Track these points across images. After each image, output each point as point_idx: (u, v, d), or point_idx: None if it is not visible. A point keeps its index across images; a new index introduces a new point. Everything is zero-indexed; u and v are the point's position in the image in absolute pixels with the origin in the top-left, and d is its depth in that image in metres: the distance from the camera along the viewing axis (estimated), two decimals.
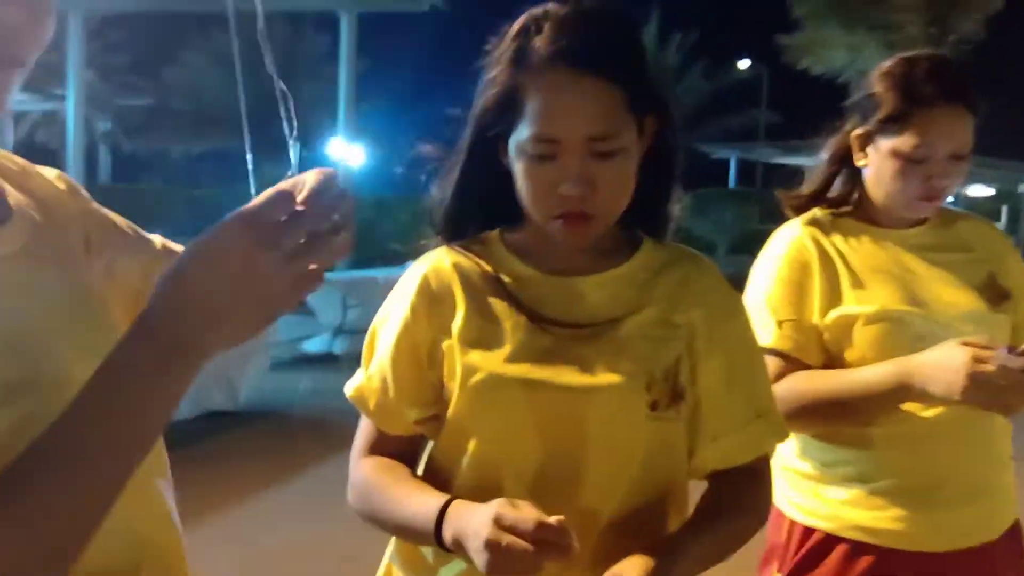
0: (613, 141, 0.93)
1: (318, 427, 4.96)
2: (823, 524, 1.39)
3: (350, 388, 1.04)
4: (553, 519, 0.81)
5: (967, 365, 1.18)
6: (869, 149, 1.40)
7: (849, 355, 1.36)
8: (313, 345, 7.92)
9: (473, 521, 0.85)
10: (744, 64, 23.80)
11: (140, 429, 0.60)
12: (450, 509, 0.89)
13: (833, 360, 1.38)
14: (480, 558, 0.82)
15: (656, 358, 0.95)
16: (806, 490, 1.43)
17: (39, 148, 22.21)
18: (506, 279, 0.99)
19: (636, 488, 0.95)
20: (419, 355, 0.99)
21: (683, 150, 1.04)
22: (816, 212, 1.48)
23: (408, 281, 1.03)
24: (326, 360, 7.21)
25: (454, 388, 0.96)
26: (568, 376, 0.94)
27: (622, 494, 0.95)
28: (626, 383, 0.93)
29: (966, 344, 1.21)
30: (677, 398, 0.95)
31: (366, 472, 1.01)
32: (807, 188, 1.50)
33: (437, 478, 0.98)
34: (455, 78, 1.08)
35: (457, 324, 0.97)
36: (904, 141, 1.34)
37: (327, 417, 4.98)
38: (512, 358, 0.94)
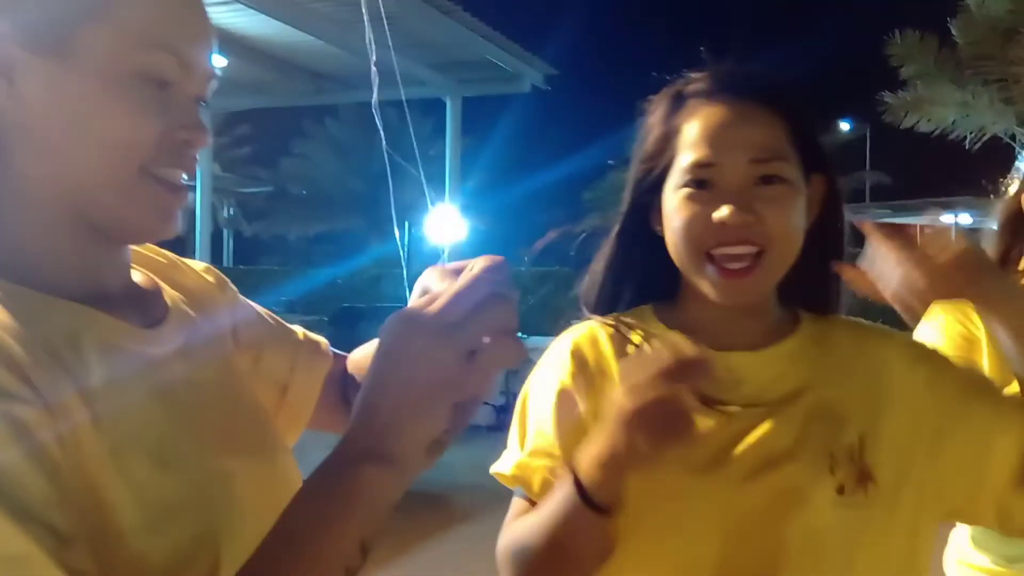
0: (777, 165, 0.85)
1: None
2: None
3: (507, 467, 0.92)
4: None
5: None
6: None
7: None
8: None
9: (605, 429, 0.77)
10: (846, 126, 23.29)
11: (335, 549, 0.55)
12: (577, 464, 0.80)
13: None
14: (640, 438, 0.74)
15: (835, 437, 0.85)
16: None
17: (172, 237, 23.85)
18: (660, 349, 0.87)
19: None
20: (583, 420, 0.88)
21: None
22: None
23: (558, 352, 0.94)
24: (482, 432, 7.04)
25: None
26: (742, 469, 0.84)
27: None
28: (805, 466, 0.83)
29: None
30: (864, 479, 0.84)
31: (511, 529, 0.90)
32: (992, 248, 1.41)
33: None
34: (556, 150, 1.10)
35: (608, 399, 0.84)
36: None
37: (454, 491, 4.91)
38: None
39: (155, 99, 0.64)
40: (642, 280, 0.97)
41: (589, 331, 0.94)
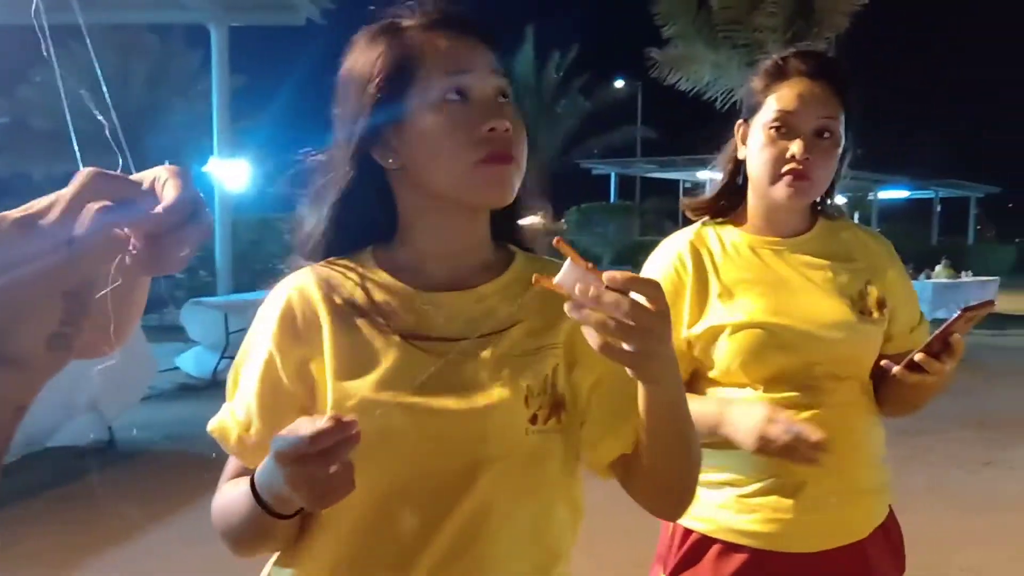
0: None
1: (196, 461, 4.75)
2: (699, 526, 1.43)
3: (212, 423, 0.98)
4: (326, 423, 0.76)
5: (760, 423, 1.28)
6: (748, 140, 1.44)
7: (717, 364, 1.41)
8: (192, 368, 7.59)
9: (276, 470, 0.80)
10: (620, 83, 24.59)
11: None
12: (256, 479, 0.87)
13: (703, 368, 1.43)
14: (300, 494, 0.79)
15: (532, 370, 0.93)
16: None
17: None
18: (377, 296, 0.95)
19: (526, 497, 0.93)
20: (285, 387, 0.93)
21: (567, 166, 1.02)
22: (702, 223, 1.51)
23: (271, 308, 0.96)
24: (211, 388, 6.92)
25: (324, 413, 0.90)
26: (444, 397, 0.91)
27: (511, 504, 0.92)
28: (504, 400, 0.91)
29: (769, 406, 1.31)
30: (557, 408, 0.94)
31: (218, 496, 0.97)
32: (703, 198, 1.53)
33: (319, 515, 0.93)
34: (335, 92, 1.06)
35: (326, 349, 0.92)
36: (768, 111, 1.40)
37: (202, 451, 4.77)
38: (384, 382, 0.90)
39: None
40: (365, 222, 0.99)
41: (303, 281, 0.97)
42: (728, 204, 1.50)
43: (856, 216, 20.92)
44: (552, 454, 0.93)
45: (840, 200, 1.67)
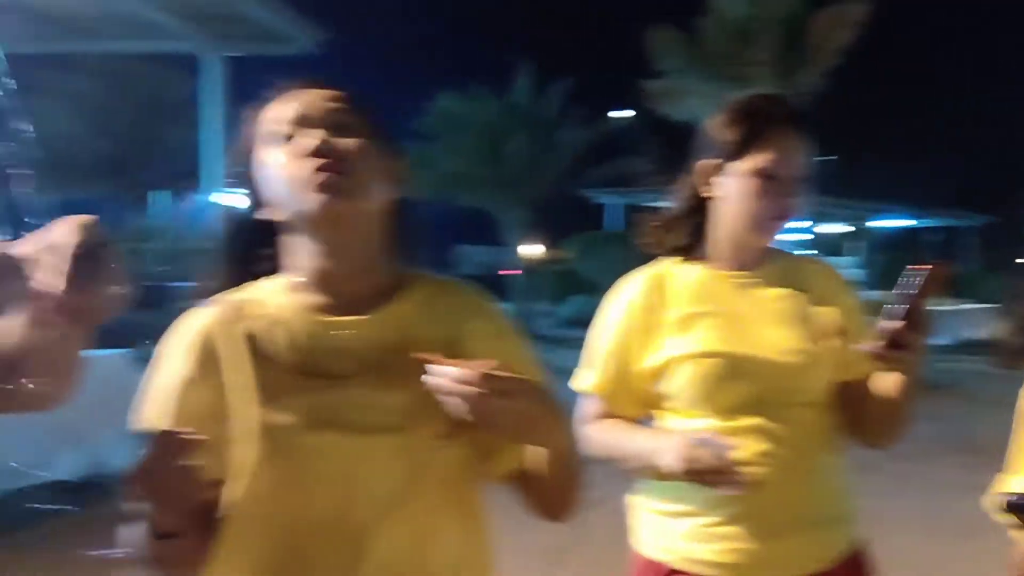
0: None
1: None
2: (667, 557, 1.45)
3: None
4: None
5: (685, 447, 1.29)
6: (718, 179, 1.46)
7: (676, 394, 1.44)
8: None
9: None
10: (617, 113, 24.82)
11: None
12: None
13: (659, 402, 1.47)
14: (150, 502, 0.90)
15: (421, 393, 0.96)
16: (652, 524, 1.49)
17: None
18: (286, 325, 1.01)
19: (418, 509, 0.99)
20: (197, 413, 0.99)
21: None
22: (665, 259, 1.53)
23: (178, 342, 1.03)
24: None
25: (237, 441, 0.98)
26: (351, 424, 0.97)
27: (391, 522, 0.98)
28: (406, 417, 0.98)
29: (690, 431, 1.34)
30: (459, 424, 0.96)
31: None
32: (659, 230, 1.55)
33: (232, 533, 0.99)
34: None
35: (237, 376, 0.99)
36: (760, 159, 1.42)
37: None
38: (297, 406, 0.97)
39: None
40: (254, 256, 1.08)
41: (209, 318, 1.03)
42: (686, 239, 1.52)
43: (846, 244, 21.02)
44: (456, 465, 1.01)
45: (840, 229, 1.69)
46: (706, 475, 1.27)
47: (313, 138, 0.98)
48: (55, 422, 4.38)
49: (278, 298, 1.04)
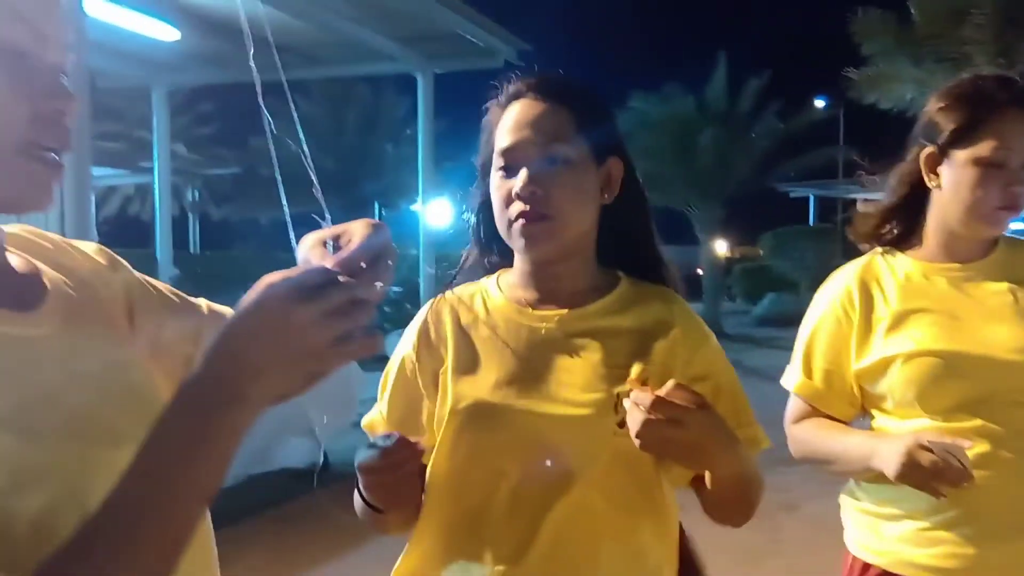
0: (558, 147, 1.07)
1: None
2: (879, 560, 1.41)
3: (364, 419, 1.20)
4: None
5: (904, 450, 1.24)
6: (941, 168, 1.39)
7: (890, 396, 1.38)
8: None
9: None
10: (820, 103, 23.49)
11: (195, 487, 0.58)
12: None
13: (873, 404, 1.42)
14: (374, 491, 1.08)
15: (621, 383, 1.02)
16: (865, 526, 1.45)
17: (131, 221, 23.29)
18: (496, 316, 1.13)
19: (611, 496, 1.05)
20: (416, 391, 1.14)
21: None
22: (875, 253, 1.48)
23: (414, 325, 1.18)
24: None
25: (445, 414, 1.08)
26: (544, 402, 1.05)
27: (605, 505, 1.04)
28: (595, 408, 1.04)
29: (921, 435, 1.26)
30: None
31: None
32: (872, 221, 1.50)
33: (436, 493, 1.10)
34: None
35: (449, 359, 1.11)
36: (983, 147, 1.34)
37: None
38: (496, 386, 1.07)
39: (16, 72, 0.62)
40: (493, 250, 1.19)
41: (436, 306, 1.17)
42: (899, 230, 1.46)
43: None
44: (638, 456, 1.02)
45: None
46: (931, 479, 1.23)
47: (519, 179, 1.06)
48: (284, 412, 4.79)
49: (494, 291, 1.17)
